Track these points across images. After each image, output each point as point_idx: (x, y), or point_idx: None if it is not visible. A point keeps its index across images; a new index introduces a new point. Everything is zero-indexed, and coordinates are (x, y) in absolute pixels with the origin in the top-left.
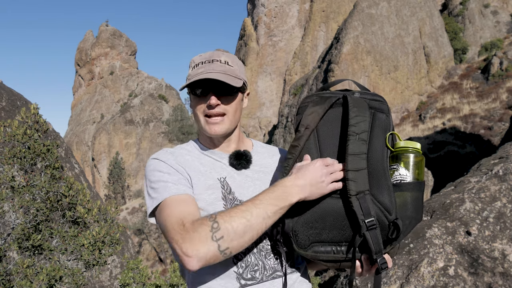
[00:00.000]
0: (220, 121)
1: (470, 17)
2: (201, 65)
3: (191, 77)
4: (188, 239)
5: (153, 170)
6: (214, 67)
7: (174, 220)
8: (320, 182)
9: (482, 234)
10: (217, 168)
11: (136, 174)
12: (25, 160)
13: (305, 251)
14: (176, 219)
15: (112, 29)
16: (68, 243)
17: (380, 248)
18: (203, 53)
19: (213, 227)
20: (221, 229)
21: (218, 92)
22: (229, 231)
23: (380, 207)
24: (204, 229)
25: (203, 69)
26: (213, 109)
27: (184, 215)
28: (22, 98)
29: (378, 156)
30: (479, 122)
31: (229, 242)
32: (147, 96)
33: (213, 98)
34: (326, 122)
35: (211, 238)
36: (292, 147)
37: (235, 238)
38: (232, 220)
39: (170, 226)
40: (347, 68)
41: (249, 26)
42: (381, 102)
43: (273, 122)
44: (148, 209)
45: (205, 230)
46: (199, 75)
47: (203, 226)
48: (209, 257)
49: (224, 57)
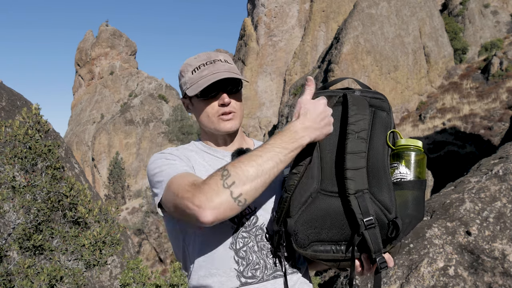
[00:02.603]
0: (233, 117)
1: (470, 17)
2: (203, 67)
3: (194, 80)
4: (198, 191)
5: (156, 160)
6: (219, 67)
7: (184, 184)
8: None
9: (482, 234)
10: (219, 165)
11: (136, 174)
12: (26, 160)
13: (305, 250)
14: (186, 183)
15: (112, 29)
16: (69, 243)
17: (379, 248)
18: (195, 56)
19: (223, 175)
20: (232, 175)
21: (227, 90)
22: (240, 176)
23: (380, 205)
24: (214, 179)
25: (207, 70)
26: (227, 107)
27: (195, 179)
28: (22, 98)
29: (379, 154)
30: (479, 122)
31: (241, 186)
32: (147, 96)
33: (226, 96)
34: None
35: (223, 186)
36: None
37: (247, 182)
38: (243, 165)
39: (181, 190)
40: (347, 68)
41: (249, 26)
42: (382, 100)
43: (273, 122)
44: (157, 197)
45: (216, 179)
46: (206, 77)
47: (213, 177)
48: (223, 207)
49: (221, 56)
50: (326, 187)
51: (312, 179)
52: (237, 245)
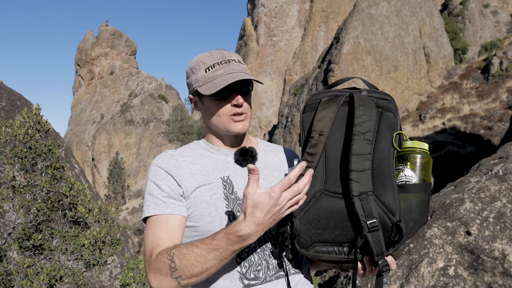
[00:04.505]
0: (244, 118)
1: (470, 17)
2: (217, 66)
3: (208, 79)
4: (152, 271)
5: (150, 180)
6: (234, 67)
7: (148, 247)
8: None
9: (482, 234)
10: (220, 167)
11: (136, 174)
12: (26, 160)
13: (307, 251)
14: (149, 246)
15: (112, 29)
16: (69, 243)
17: (382, 250)
18: (208, 53)
19: (171, 266)
20: (178, 270)
21: (241, 91)
22: (185, 273)
23: (384, 208)
24: (164, 267)
25: (222, 70)
26: (240, 108)
27: (154, 245)
28: (22, 98)
29: (384, 156)
30: (479, 122)
31: (187, 280)
32: (147, 96)
33: (239, 97)
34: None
35: (171, 276)
36: (309, 155)
37: (192, 277)
38: (189, 264)
39: (145, 249)
40: (347, 68)
41: (249, 26)
42: (388, 101)
43: (273, 122)
44: (143, 214)
45: (165, 268)
46: (222, 76)
47: (163, 265)
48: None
49: (235, 56)
50: (330, 187)
51: (316, 179)
52: None
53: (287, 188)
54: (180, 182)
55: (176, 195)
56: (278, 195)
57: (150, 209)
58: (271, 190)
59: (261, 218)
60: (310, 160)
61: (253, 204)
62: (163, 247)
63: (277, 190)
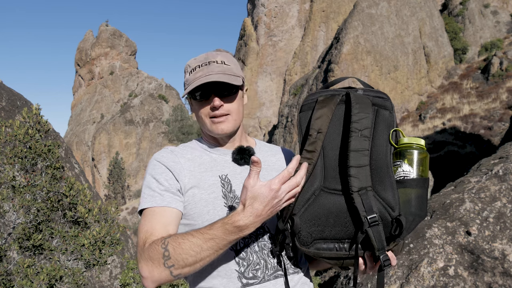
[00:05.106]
0: (225, 120)
1: (470, 17)
2: (198, 69)
3: (189, 82)
4: (144, 260)
5: (148, 174)
6: (212, 69)
7: (141, 236)
8: (273, 209)
9: (482, 234)
10: (218, 165)
11: (136, 174)
12: (26, 160)
13: (308, 248)
14: (143, 235)
15: (112, 29)
16: (69, 243)
17: (382, 245)
18: (196, 57)
19: (164, 255)
20: (171, 259)
21: (219, 93)
22: (179, 262)
23: (383, 203)
24: (157, 256)
25: (201, 72)
26: (218, 110)
27: (148, 235)
28: (22, 98)
29: (382, 152)
30: (479, 122)
31: (180, 270)
32: (147, 96)
33: (216, 99)
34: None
35: (163, 265)
36: (308, 152)
37: (185, 267)
38: (183, 252)
39: (139, 239)
40: (347, 68)
41: (249, 26)
42: (384, 99)
43: (273, 122)
44: (139, 206)
45: (158, 256)
46: (198, 79)
47: (156, 253)
48: (163, 280)
49: (219, 57)
50: (329, 184)
51: (315, 177)
52: (238, 245)
53: (286, 180)
54: (178, 177)
55: (174, 190)
56: (277, 188)
57: (147, 202)
58: (271, 183)
59: (260, 210)
60: (309, 157)
61: (252, 195)
62: (157, 237)
63: (276, 182)
